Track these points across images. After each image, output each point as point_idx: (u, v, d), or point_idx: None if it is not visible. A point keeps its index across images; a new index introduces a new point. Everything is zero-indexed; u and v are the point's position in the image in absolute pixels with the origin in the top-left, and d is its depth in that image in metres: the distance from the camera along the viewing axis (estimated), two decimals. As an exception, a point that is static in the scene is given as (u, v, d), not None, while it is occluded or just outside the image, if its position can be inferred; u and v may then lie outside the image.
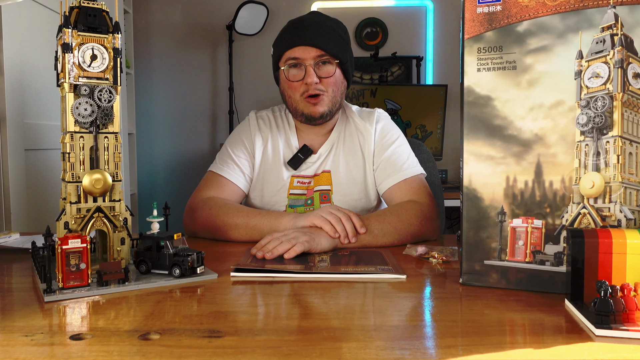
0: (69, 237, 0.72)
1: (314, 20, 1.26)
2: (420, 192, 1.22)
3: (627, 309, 0.60)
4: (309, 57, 1.22)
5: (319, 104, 1.24)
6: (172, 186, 3.30)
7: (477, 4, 0.76)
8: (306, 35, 1.22)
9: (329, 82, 1.24)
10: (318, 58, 1.22)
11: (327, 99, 1.25)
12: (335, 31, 1.25)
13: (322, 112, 1.25)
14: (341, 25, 1.30)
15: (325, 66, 1.24)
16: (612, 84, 0.70)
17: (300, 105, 1.26)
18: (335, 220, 1.03)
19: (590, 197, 0.72)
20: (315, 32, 1.22)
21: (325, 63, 1.24)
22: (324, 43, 1.22)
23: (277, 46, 1.28)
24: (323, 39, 1.22)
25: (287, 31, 1.27)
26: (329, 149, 1.33)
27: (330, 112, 1.27)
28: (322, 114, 1.25)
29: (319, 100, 1.24)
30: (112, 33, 0.82)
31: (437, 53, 3.19)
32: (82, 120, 0.80)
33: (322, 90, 1.24)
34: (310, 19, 1.27)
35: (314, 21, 1.25)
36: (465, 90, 0.77)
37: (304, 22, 1.26)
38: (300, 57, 1.22)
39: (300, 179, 1.31)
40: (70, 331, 0.60)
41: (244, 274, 0.84)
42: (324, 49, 1.21)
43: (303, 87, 1.24)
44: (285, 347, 0.55)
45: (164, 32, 3.25)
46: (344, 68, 1.27)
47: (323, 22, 1.26)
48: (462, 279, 0.79)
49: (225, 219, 1.13)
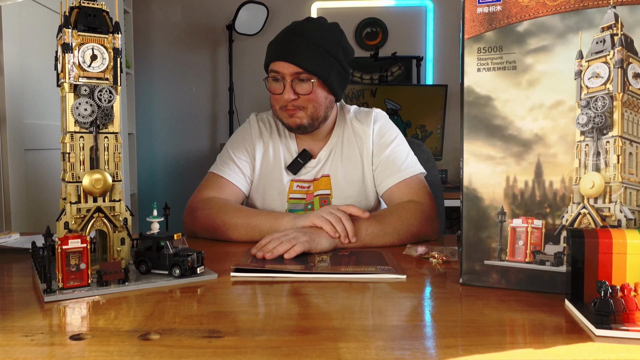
0: (69, 237, 0.72)
1: (302, 33, 1.22)
2: (420, 192, 1.22)
3: (627, 309, 0.60)
4: (287, 73, 1.20)
5: (295, 116, 1.24)
6: (172, 186, 3.30)
7: (477, 4, 0.76)
8: (286, 50, 1.20)
9: (308, 98, 1.22)
10: (295, 75, 1.21)
11: (305, 114, 1.24)
12: (320, 45, 1.21)
13: (300, 124, 1.25)
14: (333, 35, 1.25)
15: (302, 83, 1.22)
16: (612, 84, 0.70)
17: (280, 115, 1.27)
18: (336, 220, 1.03)
19: (590, 197, 0.72)
20: (296, 47, 1.20)
21: (303, 80, 1.21)
22: (303, 60, 1.19)
23: (266, 53, 1.27)
24: (303, 55, 1.19)
25: (275, 41, 1.26)
26: (327, 153, 1.33)
27: (311, 125, 1.26)
28: (300, 125, 1.25)
29: (295, 112, 1.23)
30: (112, 33, 0.82)
31: (437, 53, 3.19)
32: (82, 120, 0.80)
33: (299, 106, 1.23)
34: (298, 31, 1.23)
35: (301, 33, 1.22)
36: (465, 90, 0.77)
37: (289, 34, 1.23)
38: (280, 71, 1.21)
39: (300, 184, 1.31)
40: (70, 331, 0.60)
41: (244, 274, 0.84)
42: (302, 67, 1.19)
43: (281, 101, 1.23)
44: (285, 347, 0.55)
45: (164, 32, 3.25)
46: (328, 84, 1.24)
47: (309, 36, 1.21)
48: (462, 279, 0.79)
49: (225, 219, 1.13)
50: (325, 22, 1.28)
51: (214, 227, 1.14)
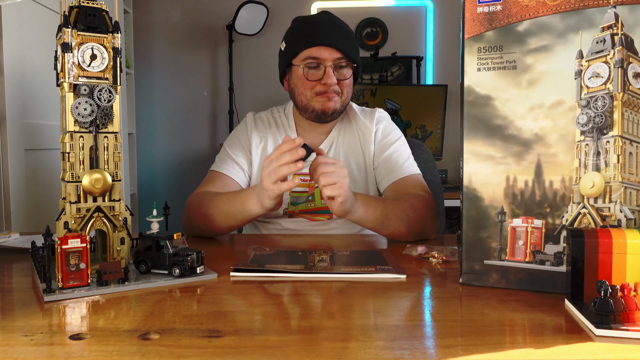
0: (68, 237, 0.72)
1: (333, 21, 1.26)
2: (423, 188, 1.24)
3: (627, 309, 0.60)
4: (329, 59, 1.22)
5: (332, 100, 1.25)
6: (172, 186, 3.30)
7: (477, 4, 0.76)
8: (328, 36, 1.22)
9: (345, 84, 1.26)
10: (338, 60, 1.23)
11: (340, 100, 1.27)
12: (351, 34, 1.27)
13: (335, 109, 1.26)
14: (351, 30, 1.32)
15: (343, 69, 1.25)
16: (612, 84, 0.70)
17: (313, 102, 1.26)
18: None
19: (590, 197, 0.72)
20: (337, 34, 1.23)
21: (342, 67, 1.24)
22: (345, 46, 1.22)
23: (293, 42, 1.27)
24: (343, 41, 1.23)
25: (305, 28, 1.26)
26: (328, 146, 1.34)
27: (340, 112, 1.29)
28: (334, 110, 1.27)
29: (333, 96, 1.25)
30: (111, 33, 0.82)
31: (437, 53, 3.19)
32: (81, 120, 0.80)
33: (337, 91, 1.25)
34: (328, 19, 1.27)
35: (334, 22, 1.26)
36: (465, 90, 0.76)
37: (323, 22, 1.25)
38: (321, 57, 1.22)
39: (301, 177, 1.31)
40: (70, 331, 0.60)
41: (243, 274, 0.84)
42: (345, 52, 1.22)
43: (319, 87, 1.24)
44: (285, 347, 0.55)
45: (164, 32, 3.25)
46: (356, 72, 1.30)
47: (340, 24, 1.26)
48: (462, 278, 0.79)
49: (205, 211, 1.14)
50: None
51: (201, 219, 1.15)
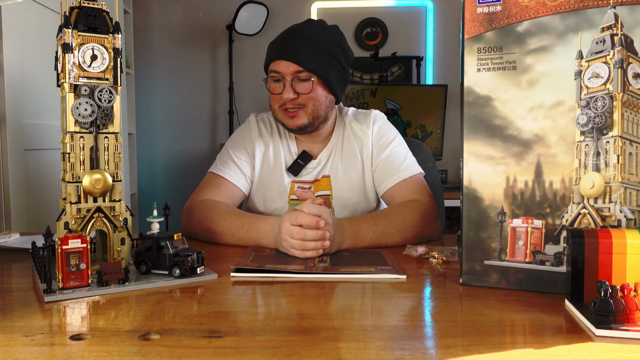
0: (69, 237, 0.72)
1: (303, 32, 1.23)
2: (420, 191, 1.22)
3: (627, 309, 0.60)
4: (287, 73, 1.21)
5: (296, 117, 1.24)
6: (172, 186, 3.30)
7: (477, 4, 0.76)
8: (286, 50, 1.21)
9: (308, 97, 1.22)
10: (296, 74, 1.21)
11: (306, 113, 1.24)
12: (320, 45, 1.22)
13: (300, 124, 1.24)
14: (333, 36, 1.26)
15: (303, 83, 1.22)
16: (612, 84, 0.70)
17: (279, 115, 1.26)
18: (301, 245, 0.96)
19: (590, 197, 0.72)
20: (297, 46, 1.20)
21: (303, 80, 1.22)
22: (304, 59, 1.20)
23: (266, 54, 1.27)
24: (304, 54, 1.20)
25: (275, 41, 1.26)
26: (328, 154, 1.33)
27: (311, 124, 1.26)
28: (300, 126, 1.25)
29: (296, 114, 1.23)
30: (112, 33, 0.82)
31: (437, 53, 3.19)
32: (82, 120, 0.80)
33: (299, 104, 1.23)
34: (298, 31, 1.24)
35: (301, 34, 1.23)
36: (465, 90, 0.77)
37: (289, 35, 1.24)
38: (280, 71, 1.21)
39: (301, 185, 1.31)
40: (70, 331, 0.60)
41: (244, 274, 0.84)
42: (303, 65, 1.20)
43: (281, 101, 1.23)
44: (285, 347, 0.55)
45: (164, 32, 3.25)
46: (327, 83, 1.24)
47: (309, 36, 1.22)
48: (462, 279, 0.79)
49: (212, 226, 1.12)
50: (325, 24, 1.29)
51: (204, 231, 1.14)
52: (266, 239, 1.05)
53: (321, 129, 1.31)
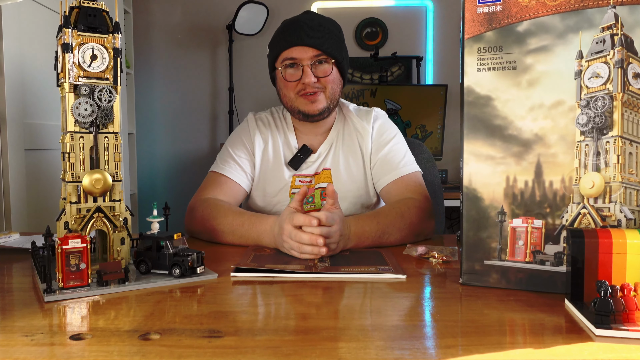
0: (69, 237, 0.72)
1: (309, 19, 1.27)
2: (416, 190, 1.23)
3: (627, 309, 0.60)
4: (306, 57, 1.22)
5: (317, 101, 1.25)
6: (172, 186, 3.30)
7: (477, 4, 0.76)
8: (303, 35, 1.23)
9: (327, 80, 1.25)
10: (315, 58, 1.23)
11: (325, 96, 1.26)
12: (330, 30, 1.26)
13: (321, 108, 1.26)
14: (335, 25, 1.31)
15: (322, 65, 1.25)
16: (612, 84, 0.70)
17: (297, 103, 1.27)
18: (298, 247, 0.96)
19: (590, 197, 0.72)
20: (312, 31, 1.23)
21: (322, 62, 1.24)
22: (321, 42, 1.22)
23: (273, 47, 1.28)
24: (319, 38, 1.23)
25: (282, 31, 1.28)
26: (328, 147, 1.34)
27: (328, 109, 1.28)
28: (321, 110, 1.26)
29: (316, 97, 1.25)
30: (112, 33, 0.82)
31: (437, 53, 3.19)
32: (82, 120, 0.80)
33: (319, 87, 1.25)
34: (305, 18, 1.28)
35: (309, 21, 1.26)
36: (465, 90, 0.77)
37: (299, 22, 1.26)
38: (298, 57, 1.23)
39: (302, 178, 1.32)
40: (70, 331, 0.60)
41: (244, 274, 0.84)
42: (321, 49, 1.22)
43: (300, 86, 1.24)
44: (285, 347, 0.55)
45: (164, 32, 3.25)
46: (340, 67, 1.28)
47: (318, 22, 1.26)
48: (462, 279, 0.79)
49: (214, 224, 1.13)
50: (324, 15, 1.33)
51: (207, 230, 1.14)
52: (265, 239, 1.05)
53: (329, 117, 1.32)
